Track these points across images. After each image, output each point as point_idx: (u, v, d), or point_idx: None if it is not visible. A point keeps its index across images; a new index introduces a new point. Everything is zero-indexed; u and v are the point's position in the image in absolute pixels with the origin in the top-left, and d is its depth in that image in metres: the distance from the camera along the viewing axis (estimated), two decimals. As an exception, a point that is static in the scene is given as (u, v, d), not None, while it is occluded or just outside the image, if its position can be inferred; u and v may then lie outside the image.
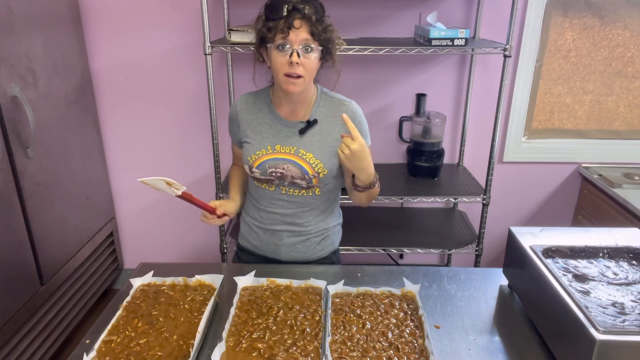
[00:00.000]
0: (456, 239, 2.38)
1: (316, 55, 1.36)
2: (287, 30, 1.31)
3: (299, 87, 1.36)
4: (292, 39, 1.31)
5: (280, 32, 1.31)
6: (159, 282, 1.37)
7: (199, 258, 2.85)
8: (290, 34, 1.31)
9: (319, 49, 1.36)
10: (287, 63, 1.32)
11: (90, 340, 1.17)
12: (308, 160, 1.44)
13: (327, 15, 1.38)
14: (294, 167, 1.45)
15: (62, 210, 2.17)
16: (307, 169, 1.45)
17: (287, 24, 1.31)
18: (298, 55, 1.31)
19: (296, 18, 1.31)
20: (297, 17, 1.31)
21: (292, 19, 1.31)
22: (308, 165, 1.44)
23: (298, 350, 1.10)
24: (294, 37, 1.31)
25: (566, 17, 2.40)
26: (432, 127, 2.38)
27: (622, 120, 2.59)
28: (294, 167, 1.45)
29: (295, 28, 1.31)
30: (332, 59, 1.41)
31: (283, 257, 1.58)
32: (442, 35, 2.01)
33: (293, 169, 1.45)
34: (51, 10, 2.08)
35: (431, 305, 1.34)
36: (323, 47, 1.37)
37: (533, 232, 1.34)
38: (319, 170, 1.45)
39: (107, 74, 2.47)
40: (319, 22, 1.34)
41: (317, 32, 1.33)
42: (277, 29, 1.31)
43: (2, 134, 1.78)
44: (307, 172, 1.45)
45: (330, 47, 1.39)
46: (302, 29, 1.31)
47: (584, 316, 1.00)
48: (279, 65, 1.34)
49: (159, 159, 2.63)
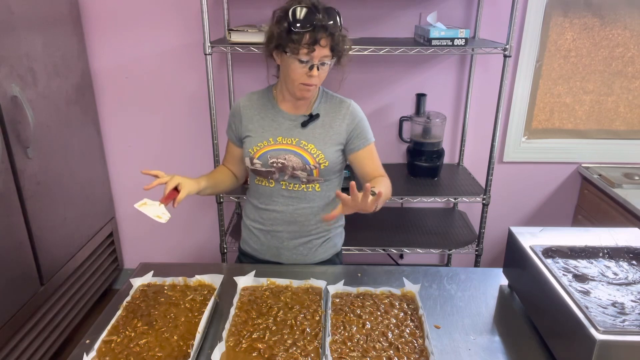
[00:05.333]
0: (456, 239, 2.38)
1: (330, 64, 1.40)
2: (312, 46, 1.32)
3: (312, 92, 1.42)
4: (316, 55, 1.34)
5: (305, 47, 1.32)
6: (159, 282, 1.37)
7: (199, 258, 2.85)
8: (315, 49, 1.33)
9: (333, 60, 1.40)
10: (305, 74, 1.36)
11: (90, 340, 1.17)
12: (310, 150, 1.46)
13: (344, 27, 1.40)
14: (295, 157, 1.46)
15: (62, 210, 2.17)
16: (309, 159, 1.46)
17: (312, 39, 1.32)
18: (317, 69, 1.35)
19: (323, 36, 1.32)
20: (324, 35, 1.33)
21: (319, 37, 1.32)
22: (309, 155, 1.46)
23: (298, 350, 1.10)
24: (317, 54, 1.34)
25: (566, 17, 2.40)
26: (432, 127, 2.38)
27: (622, 120, 2.59)
28: (295, 157, 1.46)
29: (320, 46, 1.33)
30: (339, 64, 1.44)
31: (285, 260, 1.58)
32: (442, 35, 2.01)
33: (294, 159, 1.46)
34: (51, 10, 2.08)
35: (431, 305, 1.34)
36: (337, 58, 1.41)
37: (533, 232, 1.34)
38: (320, 161, 1.46)
39: (107, 74, 2.47)
40: (339, 37, 1.37)
41: (337, 48, 1.37)
42: (300, 42, 1.32)
43: (2, 134, 1.78)
44: (309, 162, 1.46)
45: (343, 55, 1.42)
46: (325, 47, 1.34)
47: (584, 316, 1.00)
48: (297, 76, 1.37)
49: (159, 159, 2.63)
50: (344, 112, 1.50)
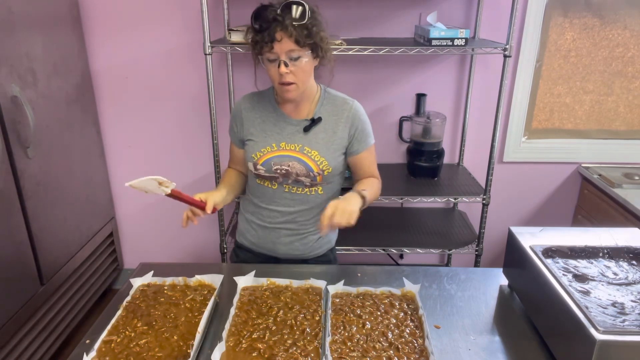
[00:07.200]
0: (456, 239, 2.38)
1: (307, 60, 1.37)
2: (270, 43, 1.31)
3: (293, 93, 1.39)
4: (277, 50, 1.33)
5: (265, 45, 1.32)
6: (159, 282, 1.37)
7: (199, 258, 2.84)
8: (274, 46, 1.32)
9: (308, 52, 1.36)
10: (277, 73, 1.35)
11: (90, 340, 1.17)
12: (313, 157, 1.45)
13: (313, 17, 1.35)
14: (299, 165, 1.45)
15: (62, 210, 2.17)
16: (312, 166, 1.45)
17: (270, 37, 1.31)
18: (286, 65, 1.33)
19: (277, 30, 1.31)
20: (278, 30, 1.31)
21: (273, 32, 1.31)
22: (313, 162, 1.45)
23: (298, 350, 1.10)
24: (278, 49, 1.32)
25: (566, 17, 2.40)
26: (432, 127, 2.38)
27: (622, 120, 2.59)
28: (299, 165, 1.45)
29: (277, 41, 1.31)
30: (325, 56, 1.42)
31: (280, 254, 1.59)
32: (442, 35, 2.01)
33: (298, 166, 1.45)
34: (51, 10, 2.08)
35: (431, 305, 1.34)
36: (312, 50, 1.37)
37: (533, 232, 1.34)
38: (323, 167, 1.46)
39: (107, 74, 2.47)
40: (301, 28, 1.32)
41: (301, 40, 1.33)
42: (263, 42, 1.33)
43: (2, 134, 1.78)
44: (312, 169, 1.45)
45: (321, 46, 1.38)
46: (284, 40, 1.32)
47: (584, 316, 1.00)
48: (273, 75, 1.38)
49: (159, 159, 2.63)
50: (347, 115, 1.48)
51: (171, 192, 1.27)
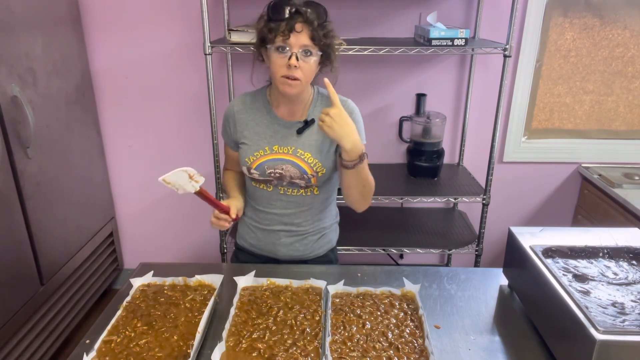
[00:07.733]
0: (456, 239, 2.38)
1: (315, 59, 1.36)
2: (288, 33, 1.30)
3: (295, 89, 1.36)
4: (293, 42, 1.31)
5: (281, 34, 1.31)
6: (159, 282, 1.37)
7: (199, 258, 2.84)
8: (291, 37, 1.31)
9: (319, 54, 1.36)
10: (285, 65, 1.33)
11: (90, 340, 1.17)
12: (306, 159, 1.44)
13: (330, 21, 1.37)
14: (293, 168, 1.45)
15: (62, 210, 2.17)
16: (306, 168, 1.45)
17: (289, 26, 1.30)
18: (297, 59, 1.32)
19: (298, 21, 1.31)
20: (299, 21, 1.31)
21: (294, 22, 1.30)
22: (306, 164, 1.44)
23: (298, 350, 1.10)
24: (294, 41, 1.31)
25: (566, 17, 2.40)
26: (432, 127, 2.38)
27: (622, 120, 2.59)
28: (292, 168, 1.45)
29: (296, 32, 1.31)
30: (331, 65, 1.42)
31: (281, 256, 1.59)
32: (442, 35, 2.01)
33: (292, 169, 1.45)
34: (51, 10, 2.08)
35: (431, 305, 1.33)
36: (323, 52, 1.37)
37: (533, 232, 1.34)
38: (317, 169, 1.45)
39: (107, 74, 2.47)
40: (320, 27, 1.34)
41: (317, 37, 1.33)
42: (278, 31, 1.31)
43: (2, 134, 1.78)
44: (306, 171, 1.45)
45: (329, 53, 1.39)
46: (303, 33, 1.31)
47: (584, 316, 1.00)
48: (277, 67, 1.34)
49: (159, 159, 2.63)
50: None
51: (200, 190, 1.27)
